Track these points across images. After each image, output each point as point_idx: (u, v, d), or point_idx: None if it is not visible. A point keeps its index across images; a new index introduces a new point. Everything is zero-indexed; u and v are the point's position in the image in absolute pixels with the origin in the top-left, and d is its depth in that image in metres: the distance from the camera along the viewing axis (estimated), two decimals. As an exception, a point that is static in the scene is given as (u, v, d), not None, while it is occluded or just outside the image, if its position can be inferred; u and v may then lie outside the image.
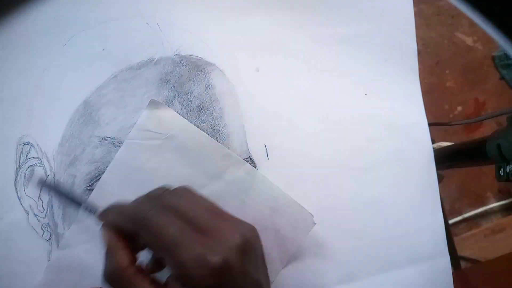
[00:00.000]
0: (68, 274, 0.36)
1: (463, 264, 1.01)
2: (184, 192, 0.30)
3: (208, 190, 0.36)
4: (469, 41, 1.21)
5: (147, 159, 0.36)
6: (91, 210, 0.32)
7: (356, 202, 0.38)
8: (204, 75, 0.37)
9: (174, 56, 0.37)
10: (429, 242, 0.39)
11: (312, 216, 0.36)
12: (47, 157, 0.37)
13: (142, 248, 0.30)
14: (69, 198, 0.34)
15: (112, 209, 0.31)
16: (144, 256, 0.30)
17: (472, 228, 1.13)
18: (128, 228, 0.29)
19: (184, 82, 0.37)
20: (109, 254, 0.29)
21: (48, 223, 0.37)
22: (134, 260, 0.29)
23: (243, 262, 0.27)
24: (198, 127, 0.36)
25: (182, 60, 0.37)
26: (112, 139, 0.36)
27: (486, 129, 1.14)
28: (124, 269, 0.28)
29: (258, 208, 0.36)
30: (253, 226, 0.31)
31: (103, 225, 0.30)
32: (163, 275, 0.29)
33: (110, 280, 0.28)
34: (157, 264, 0.31)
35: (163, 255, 0.27)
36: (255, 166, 0.37)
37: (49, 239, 0.37)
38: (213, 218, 0.29)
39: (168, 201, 0.29)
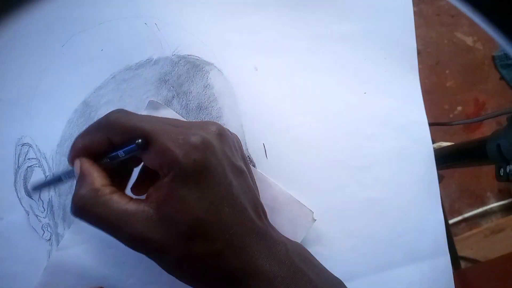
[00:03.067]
0: (67, 274, 0.36)
1: (463, 264, 1.01)
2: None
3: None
4: (469, 41, 1.21)
5: (147, 159, 0.36)
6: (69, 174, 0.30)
7: (356, 201, 0.38)
8: (203, 75, 0.37)
9: (173, 56, 0.37)
10: (429, 240, 0.39)
11: (312, 212, 0.36)
12: (45, 157, 0.37)
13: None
14: (53, 181, 0.33)
15: (77, 137, 0.29)
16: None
17: (472, 228, 1.13)
18: (98, 137, 0.27)
19: (183, 82, 0.37)
20: (81, 178, 0.27)
21: (48, 223, 0.37)
22: (110, 182, 0.27)
23: (221, 145, 0.28)
24: (197, 127, 0.36)
25: (180, 60, 0.37)
26: (111, 139, 0.36)
27: (486, 129, 1.15)
28: (98, 189, 0.26)
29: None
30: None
31: (73, 157, 0.28)
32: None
33: (81, 204, 0.26)
34: (142, 185, 0.30)
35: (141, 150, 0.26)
36: (253, 166, 0.37)
37: (49, 239, 0.37)
38: (183, 120, 0.29)
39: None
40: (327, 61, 0.39)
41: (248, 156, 0.37)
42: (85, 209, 0.26)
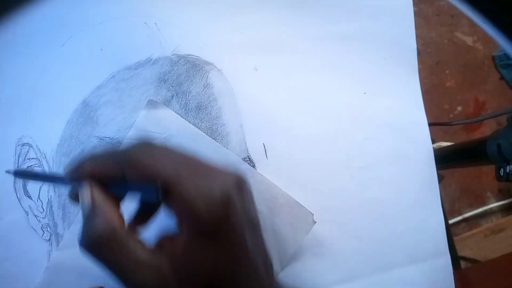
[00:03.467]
0: (67, 274, 0.36)
1: (463, 264, 1.01)
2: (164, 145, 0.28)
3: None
4: (469, 41, 1.21)
5: (146, 159, 0.35)
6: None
7: (355, 202, 0.38)
8: (202, 75, 0.37)
9: (172, 56, 0.37)
10: (429, 241, 0.39)
11: (312, 214, 0.36)
12: (46, 157, 0.37)
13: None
14: (46, 178, 0.32)
15: (88, 158, 0.27)
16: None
17: (472, 228, 1.13)
18: (112, 170, 0.26)
19: (182, 82, 0.37)
20: (96, 213, 0.25)
21: (48, 224, 0.37)
22: (123, 220, 0.26)
23: (241, 200, 0.27)
24: (196, 126, 0.36)
25: (180, 59, 0.37)
26: (110, 139, 0.36)
27: (486, 129, 1.15)
28: (115, 231, 0.24)
29: (257, 208, 0.36)
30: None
31: (79, 180, 0.26)
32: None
33: (95, 244, 0.24)
34: (141, 217, 0.29)
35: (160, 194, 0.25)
36: (253, 166, 0.37)
37: (49, 240, 0.37)
38: (204, 162, 0.27)
39: (156, 142, 0.26)
40: (327, 61, 0.39)
41: (248, 156, 0.37)
42: (99, 249, 0.24)
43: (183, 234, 0.25)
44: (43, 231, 0.37)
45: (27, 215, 0.37)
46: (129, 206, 0.28)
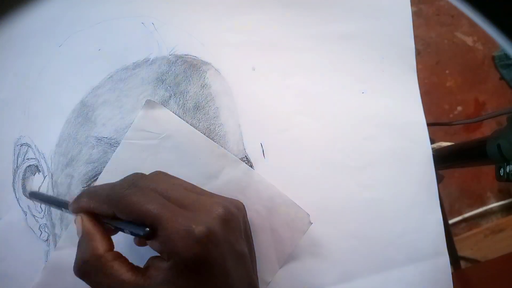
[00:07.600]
0: (65, 274, 0.36)
1: (463, 264, 1.01)
2: (160, 175, 0.31)
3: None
4: (469, 41, 1.21)
5: (144, 159, 0.36)
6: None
7: (353, 201, 0.38)
8: (200, 75, 0.37)
9: (170, 56, 0.37)
10: (427, 241, 0.39)
11: (309, 215, 0.36)
12: (44, 157, 0.37)
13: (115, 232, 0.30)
14: (54, 203, 0.34)
15: (85, 194, 0.29)
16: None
17: (472, 228, 1.13)
18: (104, 209, 0.28)
19: (180, 82, 0.37)
20: (85, 241, 0.28)
21: (46, 224, 0.37)
22: (112, 246, 0.28)
23: (225, 233, 0.28)
24: (194, 126, 0.36)
25: (177, 59, 0.37)
26: (108, 139, 0.36)
27: (486, 129, 1.14)
28: (100, 256, 0.27)
29: (254, 208, 0.36)
30: (238, 200, 0.31)
31: (77, 212, 0.29)
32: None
33: (84, 269, 0.27)
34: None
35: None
36: (251, 166, 0.37)
37: (47, 240, 0.37)
38: (193, 195, 0.29)
39: (145, 183, 0.29)
40: (325, 61, 0.39)
41: (246, 156, 0.37)
42: (87, 275, 0.27)
43: (164, 267, 0.26)
44: (41, 231, 0.37)
45: (26, 215, 0.37)
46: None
